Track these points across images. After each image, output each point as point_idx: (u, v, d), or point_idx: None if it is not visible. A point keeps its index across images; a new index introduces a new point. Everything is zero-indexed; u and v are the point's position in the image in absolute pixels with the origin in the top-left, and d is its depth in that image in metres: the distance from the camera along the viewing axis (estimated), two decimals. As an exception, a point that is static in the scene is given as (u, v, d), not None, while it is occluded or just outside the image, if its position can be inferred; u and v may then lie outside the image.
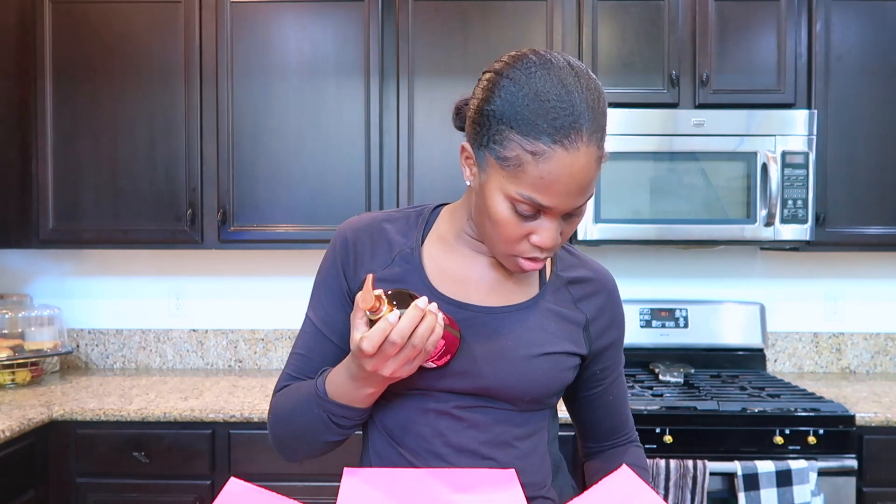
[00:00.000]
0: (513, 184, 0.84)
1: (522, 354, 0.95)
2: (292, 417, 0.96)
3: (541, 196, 0.83)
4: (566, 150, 0.81)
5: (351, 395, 0.89)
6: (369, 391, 0.89)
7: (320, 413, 0.92)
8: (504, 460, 0.96)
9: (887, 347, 2.70)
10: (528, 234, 0.88)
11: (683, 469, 1.94)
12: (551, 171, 0.81)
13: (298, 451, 0.99)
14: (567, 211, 0.86)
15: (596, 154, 0.83)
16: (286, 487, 2.00)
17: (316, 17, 2.35)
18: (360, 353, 0.81)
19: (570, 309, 1.00)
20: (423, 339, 0.81)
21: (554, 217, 0.86)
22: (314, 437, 0.95)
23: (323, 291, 1.01)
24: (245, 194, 2.37)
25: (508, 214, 0.86)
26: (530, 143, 0.81)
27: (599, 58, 2.33)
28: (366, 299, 0.80)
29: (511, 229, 0.87)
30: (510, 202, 0.85)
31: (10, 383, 2.35)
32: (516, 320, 0.97)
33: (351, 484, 0.89)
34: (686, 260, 2.72)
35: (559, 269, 1.02)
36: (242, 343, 2.72)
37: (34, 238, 2.39)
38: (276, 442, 1.00)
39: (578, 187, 0.83)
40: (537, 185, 0.82)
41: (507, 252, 0.90)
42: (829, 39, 2.33)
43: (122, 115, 2.36)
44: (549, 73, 0.83)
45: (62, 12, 2.36)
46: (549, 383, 0.96)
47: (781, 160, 2.25)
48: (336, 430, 0.93)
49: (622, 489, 0.85)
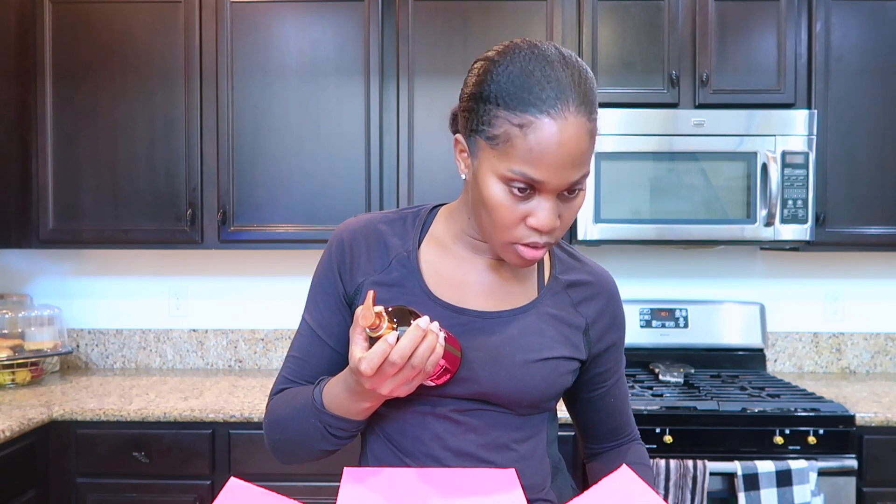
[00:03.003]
0: (504, 161, 0.83)
1: (520, 360, 0.94)
2: (288, 425, 0.95)
3: (532, 169, 0.81)
4: (553, 119, 0.80)
5: (347, 407, 0.89)
6: (366, 405, 0.89)
7: (316, 423, 0.91)
8: (503, 463, 0.96)
9: (887, 347, 2.70)
10: (524, 218, 0.85)
11: (683, 469, 1.94)
12: (540, 141, 0.80)
13: (294, 456, 0.99)
14: (561, 187, 0.84)
15: (586, 126, 0.82)
16: (286, 487, 2.00)
17: (316, 17, 2.35)
18: (358, 372, 0.81)
19: (570, 313, 0.99)
20: (423, 360, 0.80)
21: (549, 195, 0.84)
22: (310, 444, 0.95)
23: (319, 294, 1.01)
24: (245, 194, 2.37)
25: (503, 197, 0.84)
26: (517, 116, 0.81)
27: (599, 58, 2.33)
28: (366, 316, 0.78)
29: (507, 213, 0.85)
30: (504, 183, 0.84)
31: (10, 383, 2.35)
32: (514, 325, 0.96)
33: (351, 484, 0.89)
34: (686, 260, 2.72)
35: (558, 271, 1.01)
36: (242, 343, 2.72)
37: (34, 238, 2.39)
38: (271, 445, 1.00)
39: (569, 158, 0.81)
40: (527, 158, 0.81)
41: (505, 240, 0.87)
42: (829, 39, 2.33)
43: (122, 115, 2.36)
44: (534, 54, 0.83)
45: (62, 12, 2.36)
46: (548, 388, 0.96)
47: (781, 160, 2.25)
48: (332, 440, 0.93)
49: (622, 489, 0.84)
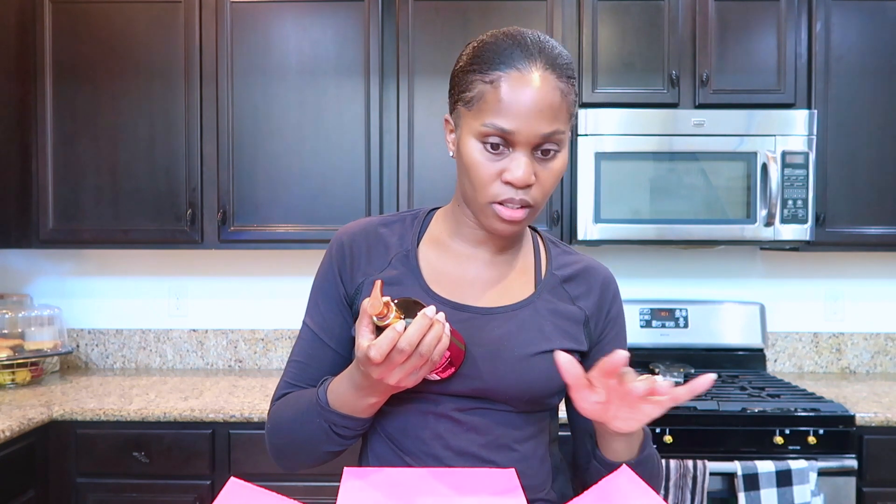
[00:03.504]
0: (478, 119, 0.88)
1: (519, 354, 0.94)
2: (293, 427, 0.95)
3: (502, 119, 0.86)
4: (520, 72, 0.86)
5: (353, 404, 0.89)
6: (372, 401, 0.89)
7: (321, 423, 0.91)
8: (504, 463, 0.96)
9: (887, 347, 2.70)
10: (500, 174, 0.88)
11: (683, 469, 1.94)
12: (508, 91, 0.86)
13: (296, 461, 0.99)
14: (532, 140, 0.87)
15: (555, 82, 0.87)
16: (286, 487, 2.00)
17: (316, 17, 2.35)
18: (366, 360, 0.80)
19: (568, 306, 1.00)
20: (430, 349, 0.80)
21: (523, 149, 0.87)
22: (314, 447, 0.95)
23: (320, 297, 1.01)
24: (245, 194, 2.37)
25: (479, 154, 0.88)
26: (488, 74, 0.87)
27: (599, 58, 2.33)
28: (374, 305, 0.79)
29: (483, 170, 0.88)
30: (479, 141, 0.88)
31: (10, 383, 2.35)
32: (512, 320, 0.96)
33: (351, 484, 0.88)
34: (686, 260, 2.72)
35: (554, 267, 1.02)
36: (242, 343, 2.72)
37: (34, 238, 2.39)
38: (273, 451, 1.00)
39: (536, 108, 0.85)
40: (498, 109, 0.86)
41: (484, 201, 0.90)
42: (829, 39, 2.33)
43: (122, 115, 2.36)
44: (509, 31, 0.91)
45: (62, 12, 2.36)
46: (548, 382, 0.96)
47: (781, 160, 2.25)
48: (337, 441, 0.93)
49: (622, 489, 0.84)
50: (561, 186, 2.35)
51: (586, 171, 2.26)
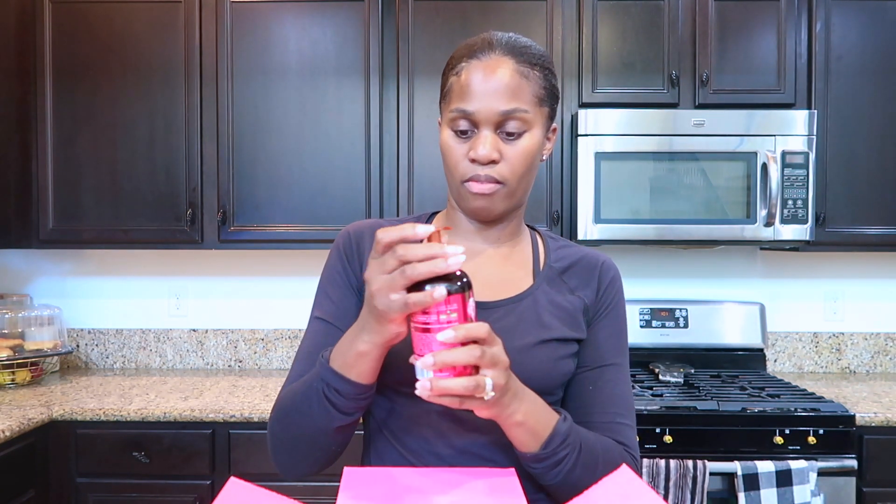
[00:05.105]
0: (448, 108, 0.96)
1: (519, 345, 0.95)
2: (293, 399, 0.92)
3: (463, 102, 0.93)
4: (479, 60, 0.94)
5: (346, 353, 0.85)
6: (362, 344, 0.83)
7: (317, 385, 0.87)
8: (506, 462, 0.96)
9: (887, 347, 2.70)
10: (468, 154, 0.95)
11: (683, 469, 1.94)
12: (467, 77, 0.94)
13: (295, 455, 0.94)
14: (492, 117, 0.92)
15: (514, 66, 0.93)
16: (286, 487, 2.00)
17: (316, 17, 2.35)
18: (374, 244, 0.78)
19: (567, 296, 1.01)
20: (416, 256, 0.75)
21: (486, 128, 0.93)
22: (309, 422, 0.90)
23: (330, 287, 1.01)
24: (245, 194, 2.37)
25: (450, 140, 0.96)
26: (455, 69, 0.97)
27: (599, 58, 2.33)
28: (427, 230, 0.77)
29: (453, 153, 0.95)
30: (450, 127, 0.96)
31: (10, 383, 2.35)
32: (512, 313, 0.97)
33: (351, 483, 0.88)
34: (686, 260, 2.72)
35: (552, 260, 1.04)
36: (242, 343, 2.72)
37: (34, 238, 2.39)
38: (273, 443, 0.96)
39: (493, 88, 0.92)
40: (460, 94, 0.94)
41: (457, 181, 0.96)
42: (829, 39, 2.33)
43: (121, 114, 2.36)
44: (485, 33, 0.98)
45: (62, 12, 2.36)
46: (549, 373, 0.96)
47: (781, 160, 2.25)
48: (330, 411, 0.88)
49: (622, 489, 0.84)
50: (561, 186, 2.35)
51: (586, 171, 2.26)
